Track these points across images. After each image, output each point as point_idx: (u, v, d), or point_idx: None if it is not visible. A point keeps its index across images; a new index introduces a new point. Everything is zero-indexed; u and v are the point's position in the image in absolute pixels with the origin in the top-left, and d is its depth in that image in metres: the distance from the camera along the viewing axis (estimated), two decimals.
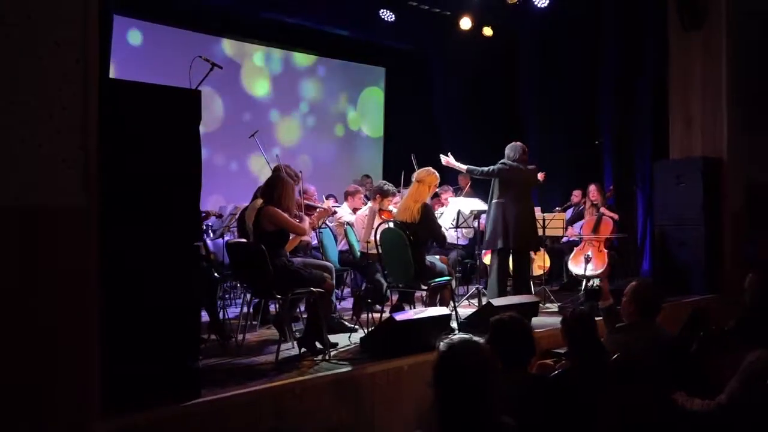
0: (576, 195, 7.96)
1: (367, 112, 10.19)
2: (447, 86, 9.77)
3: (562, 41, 8.80)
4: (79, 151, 2.87)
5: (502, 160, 5.98)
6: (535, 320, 5.13)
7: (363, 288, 6.14)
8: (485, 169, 5.97)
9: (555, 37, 8.82)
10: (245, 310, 4.89)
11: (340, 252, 6.22)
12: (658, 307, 3.45)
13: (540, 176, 6.15)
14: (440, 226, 5.15)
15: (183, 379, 3.18)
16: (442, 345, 2.03)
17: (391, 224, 5.13)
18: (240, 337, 4.67)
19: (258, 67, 8.99)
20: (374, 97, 10.25)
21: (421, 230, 4.95)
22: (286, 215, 4.21)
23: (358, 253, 5.88)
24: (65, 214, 2.84)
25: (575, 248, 7.03)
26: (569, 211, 7.90)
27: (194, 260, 3.31)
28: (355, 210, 6.48)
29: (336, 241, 6.27)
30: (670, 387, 2.94)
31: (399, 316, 4.18)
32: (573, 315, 3.18)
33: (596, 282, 4.14)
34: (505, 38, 9.05)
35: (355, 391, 3.82)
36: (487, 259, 7.25)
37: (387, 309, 5.39)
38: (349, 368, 3.88)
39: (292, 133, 9.31)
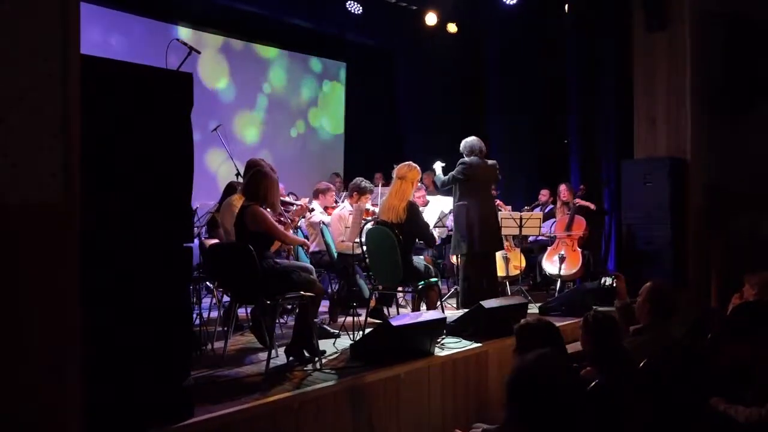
0: (543, 194, 7.92)
1: (328, 108, 9.86)
2: (410, 83, 9.58)
3: (527, 40, 8.76)
4: (57, 137, 2.48)
5: (460, 161, 5.79)
6: None
7: (337, 290, 5.85)
8: (446, 179, 5.82)
9: (521, 35, 8.76)
10: (215, 315, 4.53)
11: (312, 253, 5.90)
12: (674, 308, 3.34)
13: None
14: (428, 226, 4.94)
15: (174, 398, 2.83)
16: (518, 360, 1.80)
17: (371, 224, 4.89)
18: (217, 345, 4.32)
19: (216, 58, 8.52)
20: (335, 93, 9.93)
21: (408, 230, 4.72)
22: (272, 220, 3.89)
23: (335, 254, 5.59)
24: (40, 212, 2.44)
25: (548, 248, 6.96)
26: (536, 210, 7.84)
27: (185, 264, 2.95)
28: (326, 209, 6.18)
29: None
30: (704, 392, 2.82)
31: (396, 322, 3.93)
32: (596, 318, 3.01)
33: (608, 280, 4.01)
34: (471, 35, 8.94)
35: (354, 402, 3.56)
36: (454, 259, 7.11)
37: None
38: (346, 378, 3.60)
39: (250, 128, 8.88)
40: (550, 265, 6.76)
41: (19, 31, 2.39)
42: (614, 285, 3.88)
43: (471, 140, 5.81)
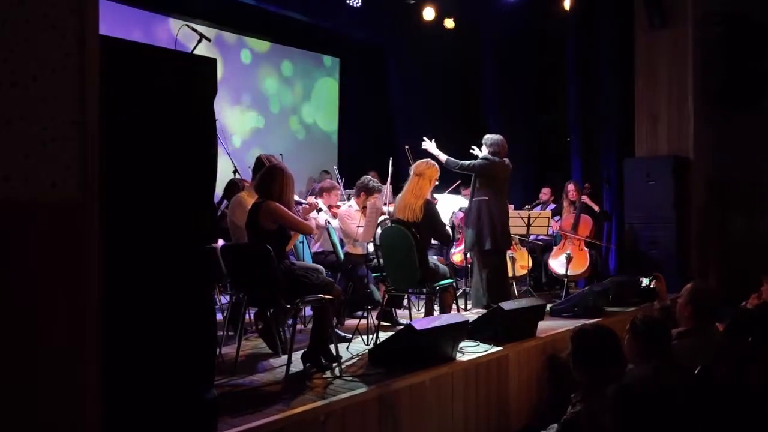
0: (545, 192, 7.78)
1: (322, 105, 9.61)
2: (406, 79, 9.35)
3: (527, 36, 8.62)
4: (72, 129, 2.23)
5: (483, 155, 5.70)
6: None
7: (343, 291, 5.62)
8: (466, 163, 5.68)
9: (520, 31, 8.62)
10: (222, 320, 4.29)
11: (315, 253, 5.67)
12: (718, 311, 3.19)
13: None
14: (444, 224, 4.75)
15: (197, 413, 2.59)
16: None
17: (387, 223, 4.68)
18: (226, 350, 4.09)
19: (208, 50, 8.18)
20: (329, 89, 9.68)
21: (424, 229, 4.53)
22: (290, 212, 3.66)
23: (342, 255, 5.36)
24: (52, 208, 2.18)
25: (554, 247, 6.83)
26: (537, 209, 7.70)
27: (208, 267, 2.71)
28: (330, 207, 5.94)
29: (309, 241, 5.72)
30: (760, 398, 2.68)
31: (418, 325, 3.72)
32: (645, 322, 2.84)
33: (645, 281, 3.87)
34: (469, 31, 8.76)
35: (381, 411, 3.35)
36: (455, 258, 6.94)
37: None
38: (371, 386, 3.38)
39: (243, 125, 8.59)
40: (557, 264, 6.62)
41: (29, 10, 2.14)
42: (652, 286, 3.73)
43: (498, 139, 5.70)
